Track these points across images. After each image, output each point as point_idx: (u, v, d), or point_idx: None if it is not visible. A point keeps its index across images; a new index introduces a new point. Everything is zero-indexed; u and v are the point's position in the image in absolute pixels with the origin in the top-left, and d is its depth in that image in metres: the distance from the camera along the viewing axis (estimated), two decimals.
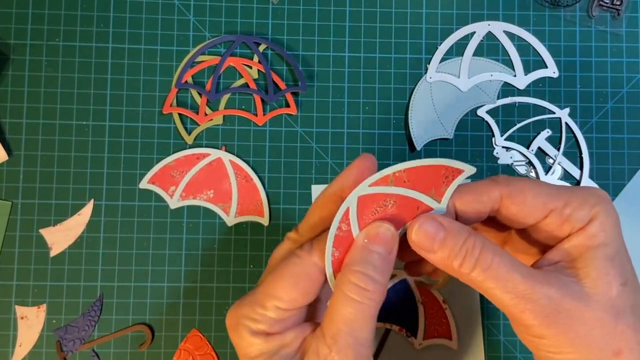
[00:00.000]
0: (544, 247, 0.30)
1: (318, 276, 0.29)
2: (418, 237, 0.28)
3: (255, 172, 0.46)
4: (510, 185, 0.29)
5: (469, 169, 0.28)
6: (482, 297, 0.45)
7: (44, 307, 0.45)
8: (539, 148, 0.46)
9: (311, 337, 0.29)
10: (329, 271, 0.28)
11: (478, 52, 0.47)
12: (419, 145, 0.46)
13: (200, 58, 0.47)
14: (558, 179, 0.46)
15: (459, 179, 0.28)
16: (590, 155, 0.46)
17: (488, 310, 0.45)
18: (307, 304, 0.29)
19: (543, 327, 0.26)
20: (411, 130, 0.46)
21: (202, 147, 0.46)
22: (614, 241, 0.28)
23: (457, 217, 0.30)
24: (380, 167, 0.46)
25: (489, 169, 0.46)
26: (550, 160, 0.46)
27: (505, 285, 0.27)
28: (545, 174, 0.46)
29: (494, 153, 0.46)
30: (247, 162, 0.46)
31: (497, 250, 0.27)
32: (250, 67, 0.47)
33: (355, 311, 0.27)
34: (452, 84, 0.47)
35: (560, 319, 0.27)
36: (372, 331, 0.28)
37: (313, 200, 0.46)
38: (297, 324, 0.29)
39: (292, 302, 0.28)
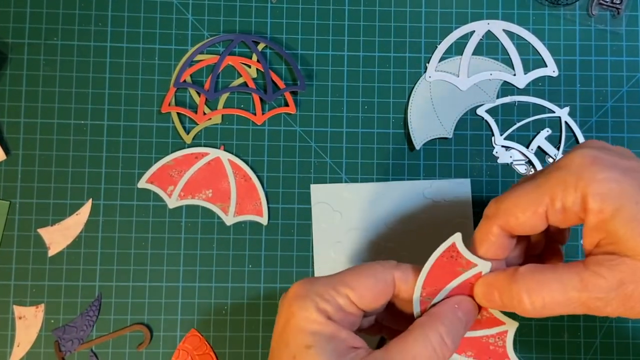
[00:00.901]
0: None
1: (390, 289, 0.31)
2: (483, 303, 0.31)
3: (254, 172, 0.46)
4: (498, 213, 0.30)
5: (452, 239, 0.31)
6: None
7: (42, 307, 0.45)
8: (539, 147, 0.46)
9: (367, 354, 0.29)
10: (418, 288, 0.31)
11: (477, 51, 0.47)
12: (418, 145, 0.46)
13: (199, 57, 0.46)
14: None
15: (462, 247, 0.31)
16: None
17: None
18: (368, 309, 0.31)
19: (627, 308, 0.28)
20: (410, 130, 0.46)
21: (200, 146, 0.46)
22: (622, 201, 0.27)
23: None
24: (380, 166, 0.46)
25: (489, 168, 0.46)
26: (550, 160, 0.46)
27: (570, 304, 0.28)
28: None
29: (494, 152, 0.46)
30: (246, 162, 0.46)
31: (542, 277, 0.29)
32: (249, 66, 0.47)
33: (428, 357, 0.28)
34: (452, 83, 0.47)
35: (634, 296, 0.27)
36: None
37: (313, 201, 0.46)
38: (352, 328, 0.31)
39: (362, 299, 0.30)
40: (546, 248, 0.34)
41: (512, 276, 0.29)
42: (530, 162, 0.46)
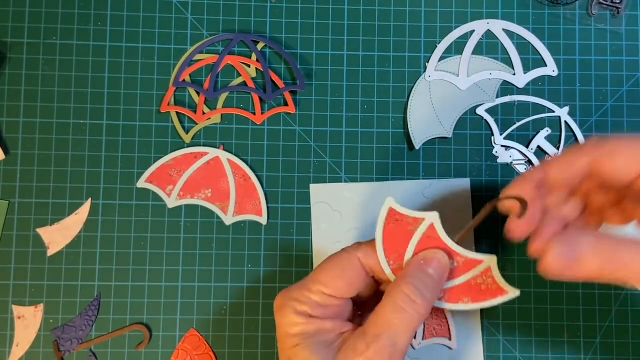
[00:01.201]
0: None
1: (360, 271, 0.33)
2: (555, 263, 0.29)
3: (254, 171, 0.46)
4: (599, 148, 0.29)
5: (387, 205, 0.32)
6: None
7: (41, 306, 0.45)
8: (539, 147, 0.46)
9: (350, 334, 0.31)
10: (382, 260, 0.32)
11: (477, 51, 0.47)
12: (417, 145, 0.46)
13: (198, 57, 0.46)
14: None
15: (401, 208, 0.32)
16: None
17: (487, 310, 0.45)
18: (348, 296, 0.33)
19: None
20: (410, 129, 0.46)
21: (200, 146, 0.46)
22: None
23: (551, 187, 0.31)
24: (380, 166, 0.46)
25: (488, 168, 0.46)
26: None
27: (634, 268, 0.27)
28: None
29: (493, 152, 0.46)
30: (245, 161, 0.46)
31: (616, 242, 0.28)
32: (249, 66, 0.46)
33: (400, 319, 0.30)
34: (451, 83, 0.47)
35: None
36: (411, 339, 0.31)
37: (313, 201, 0.46)
38: (338, 317, 0.33)
39: (335, 290, 0.32)
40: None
41: (618, 241, 0.29)
42: (530, 162, 0.46)
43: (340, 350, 0.30)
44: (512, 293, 0.32)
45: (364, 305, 0.36)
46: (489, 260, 0.32)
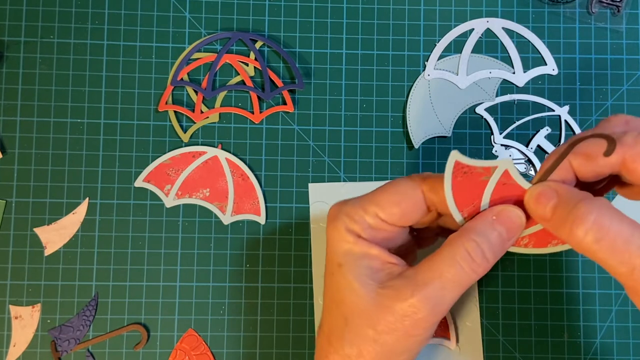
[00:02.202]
0: None
1: (421, 204, 0.30)
2: (531, 202, 0.28)
3: (252, 171, 0.46)
4: (637, 147, 0.27)
5: (452, 158, 0.28)
6: (480, 296, 0.45)
7: (38, 306, 0.44)
8: (538, 146, 0.46)
9: (398, 270, 0.29)
10: (454, 211, 0.29)
11: (477, 49, 0.47)
12: (416, 143, 0.46)
13: (196, 55, 0.46)
14: None
15: (467, 159, 0.28)
16: None
17: (487, 310, 0.45)
18: (400, 224, 0.30)
19: None
20: (409, 128, 0.46)
21: (198, 145, 0.46)
22: None
23: (578, 180, 0.29)
24: (379, 165, 0.46)
25: None
26: None
27: (621, 256, 0.25)
28: None
29: (493, 151, 0.46)
30: (244, 160, 0.46)
31: (615, 217, 0.25)
32: (247, 65, 0.46)
33: (454, 275, 0.28)
34: (451, 82, 0.46)
35: None
36: (458, 297, 0.29)
37: (311, 200, 0.45)
38: (387, 244, 0.31)
39: (390, 216, 0.30)
40: None
41: (585, 196, 0.27)
42: (529, 161, 0.46)
43: (383, 286, 0.29)
44: None
45: (421, 235, 0.34)
46: None
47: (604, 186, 0.31)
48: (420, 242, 0.35)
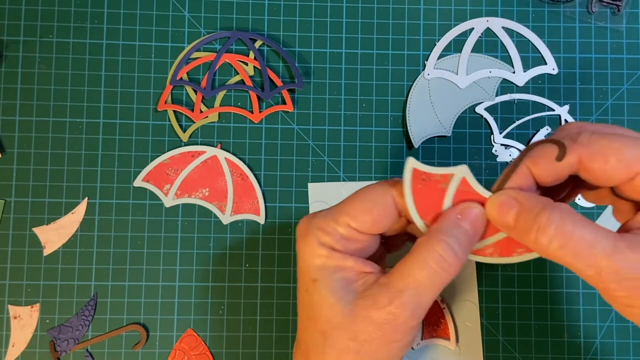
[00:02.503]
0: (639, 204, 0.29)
1: (392, 210, 0.30)
2: (493, 211, 0.28)
3: (251, 170, 0.46)
4: (591, 146, 0.27)
5: (409, 166, 0.29)
6: (480, 296, 0.45)
7: (37, 306, 0.44)
8: None
9: (372, 279, 0.29)
10: (417, 219, 0.29)
11: (476, 49, 0.47)
12: (416, 143, 0.46)
13: (196, 55, 0.46)
14: None
15: (423, 166, 0.29)
16: None
17: (487, 310, 0.45)
18: (373, 232, 0.30)
19: (632, 299, 0.26)
20: (409, 128, 0.46)
21: (197, 144, 0.46)
22: None
23: (537, 183, 0.29)
24: (378, 164, 0.46)
25: (488, 166, 0.46)
26: None
27: (587, 260, 0.25)
28: None
29: (493, 151, 0.46)
30: (243, 160, 0.46)
31: (578, 222, 0.26)
32: (246, 64, 0.46)
33: (428, 277, 0.28)
34: (450, 81, 0.46)
35: None
36: (435, 298, 0.29)
37: (311, 200, 0.45)
38: (361, 254, 0.30)
39: (362, 224, 0.29)
40: None
41: (547, 203, 0.27)
42: None
43: (359, 297, 0.29)
44: None
45: (389, 242, 0.34)
46: None
47: (567, 193, 0.32)
48: (390, 247, 0.35)
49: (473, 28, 0.47)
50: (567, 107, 0.46)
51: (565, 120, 0.46)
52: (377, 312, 0.28)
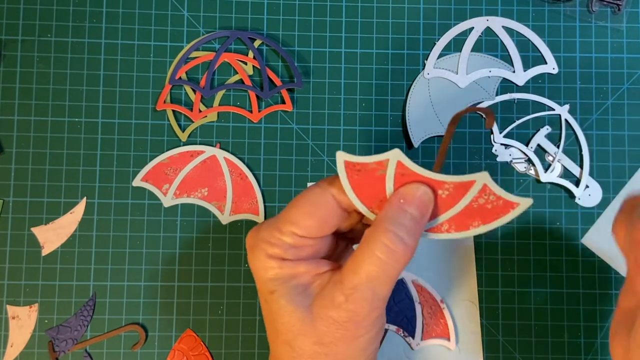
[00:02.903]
0: None
1: (335, 208, 0.29)
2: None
3: (250, 170, 0.45)
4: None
5: (340, 158, 0.29)
6: (480, 296, 0.45)
7: (35, 306, 0.44)
8: (539, 145, 0.46)
9: (328, 277, 0.29)
10: (360, 207, 0.29)
11: (476, 48, 0.47)
12: (416, 143, 0.45)
13: (195, 54, 0.46)
14: (558, 176, 0.45)
15: (356, 158, 0.29)
16: (591, 152, 0.46)
17: (487, 310, 0.45)
18: (322, 235, 0.30)
19: None
20: (408, 127, 0.46)
21: (196, 144, 0.45)
22: None
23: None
24: None
25: (487, 166, 0.46)
26: (550, 158, 0.46)
27: None
28: (545, 172, 0.45)
29: (493, 150, 0.46)
30: (242, 160, 0.45)
31: None
32: (245, 63, 0.46)
33: (380, 269, 0.27)
34: (450, 80, 0.46)
35: None
36: (392, 287, 0.28)
37: None
38: (312, 257, 0.30)
39: (307, 229, 0.29)
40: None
41: None
42: (529, 160, 0.46)
43: (317, 298, 0.28)
44: (524, 203, 0.28)
45: (352, 235, 0.33)
46: (481, 178, 0.28)
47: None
48: (355, 240, 0.34)
49: (473, 27, 0.47)
50: (567, 106, 0.46)
51: (566, 120, 0.46)
52: (336, 312, 0.28)
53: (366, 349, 0.29)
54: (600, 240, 0.45)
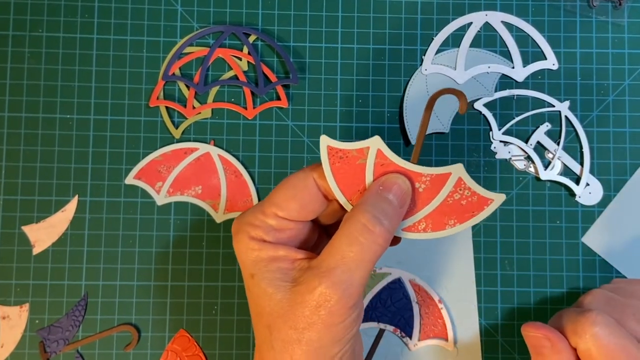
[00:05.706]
0: None
1: (316, 193, 0.30)
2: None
3: (245, 168, 0.45)
4: None
5: (323, 143, 0.29)
6: (479, 296, 0.44)
7: (26, 306, 0.43)
8: (538, 142, 0.45)
9: (308, 266, 0.29)
10: (339, 196, 0.30)
11: (475, 43, 0.46)
12: (414, 140, 0.45)
13: (188, 49, 0.45)
14: (558, 174, 0.45)
15: (338, 143, 0.29)
16: (591, 149, 0.45)
17: (485, 310, 0.44)
18: (303, 219, 0.30)
19: None
20: (406, 124, 0.45)
21: (190, 141, 0.45)
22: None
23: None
24: None
25: (486, 164, 0.45)
26: (550, 155, 0.45)
27: None
28: (545, 169, 0.45)
29: (492, 147, 0.45)
30: (237, 157, 0.45)
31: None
32: (240, 59, 0.45)
33: (355, 251, 0.28)
34: (448, 76, 0.45)
35: None
36: (368, 274, 0.28)
37: None
38: (292, 242, 0.31)
39: (289, 212, 0.30)
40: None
41: None
42: (529, 158, 0.45)
43: (295, 283, 0.29)
44: (497, 199, 0.29)
45: (332, 231, 0.34)
46: (456, 170, 0.29)
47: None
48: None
49: (472, 22, 0.46)
50: (567, 103, 0.45)
51: (566, 117, 0.45)
52: (310, 296, 0.28)
53: (340, 340, 0.29)
54: (601, 239, 0.44)
